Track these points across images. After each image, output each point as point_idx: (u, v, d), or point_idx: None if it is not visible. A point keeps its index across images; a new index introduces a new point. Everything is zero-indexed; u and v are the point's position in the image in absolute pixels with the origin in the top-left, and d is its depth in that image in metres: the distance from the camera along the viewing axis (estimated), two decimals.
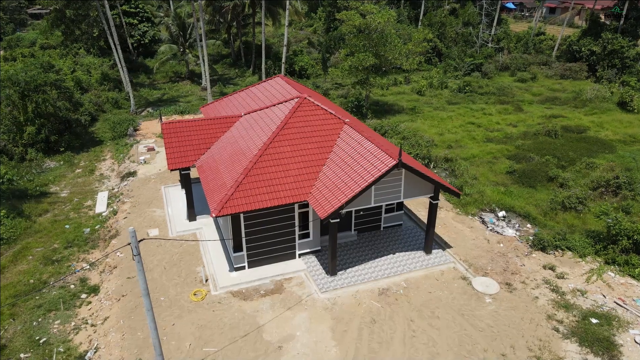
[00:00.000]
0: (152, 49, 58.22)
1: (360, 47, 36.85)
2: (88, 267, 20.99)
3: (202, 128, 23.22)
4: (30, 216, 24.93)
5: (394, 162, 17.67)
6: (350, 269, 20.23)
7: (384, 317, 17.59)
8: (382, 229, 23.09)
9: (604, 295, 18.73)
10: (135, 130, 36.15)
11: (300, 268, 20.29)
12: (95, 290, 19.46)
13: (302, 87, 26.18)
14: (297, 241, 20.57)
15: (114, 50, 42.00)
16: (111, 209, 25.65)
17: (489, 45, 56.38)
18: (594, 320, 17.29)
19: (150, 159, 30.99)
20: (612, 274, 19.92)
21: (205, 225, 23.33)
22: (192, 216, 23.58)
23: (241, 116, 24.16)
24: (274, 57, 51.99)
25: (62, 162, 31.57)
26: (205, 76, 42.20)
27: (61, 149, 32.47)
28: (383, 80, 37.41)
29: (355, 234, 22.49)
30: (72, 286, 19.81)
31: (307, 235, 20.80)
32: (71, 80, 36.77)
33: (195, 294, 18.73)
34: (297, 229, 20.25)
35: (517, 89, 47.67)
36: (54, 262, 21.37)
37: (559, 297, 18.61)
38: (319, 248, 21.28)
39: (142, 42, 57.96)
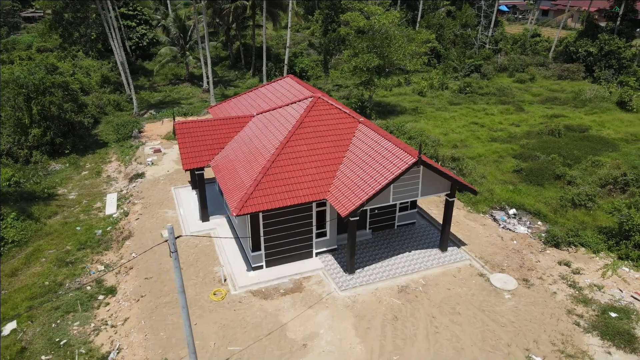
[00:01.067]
0: (150, 52, 58.02)
1: (364, 49, 37.02)
2: (104, 269, 20.82)
3: (215, 128, 23.18)
4: (40, 218, 24.68)
5: (414, 160, 17.78)
6: (367, 267, 20.28)
7: (405, 314, 17.65)
8: (396, 227, 23.18)
9: (620, 290, 18.96)
10: (140, 132, 35.97)
11: (318, 267, 20.30)
12: (112, 291, 19.31)
13: (312, 87, 26.23)
14: (314, 240, 20.58)
15: (116, 53, 41.80)
16: (122, 210, 25.48)
17: (487, 46, 56.91)
18: (613, 315, 17.49)
19: (158, 161, 30.84)
20: (627, 269, 20.18)
21: (219, 226, 23.26)
22: (205, 216, 23.50)
23: (253, 116, 24.16)
24: (275, 59, 52.01)
25: (67, 165, 31.32)
26: (208, 78, 42.10)
27: (66, 151, 32.22)
28: (388, 81, 37.54)
29: (370, 232, 22.56)
30: (89, 287, 19.64)
31: (323, 234, 20.82)
32: (77, 82, 36.45)
33: (215, 294, 18.66)
34: (314, 227, 20.27)
35: (516, 90, 48.14)
36: (68, 264, 21.18)
37: (577, 292, 18.80)
38: (336, 247, 21.32)
39: (141, 44, 57.73)
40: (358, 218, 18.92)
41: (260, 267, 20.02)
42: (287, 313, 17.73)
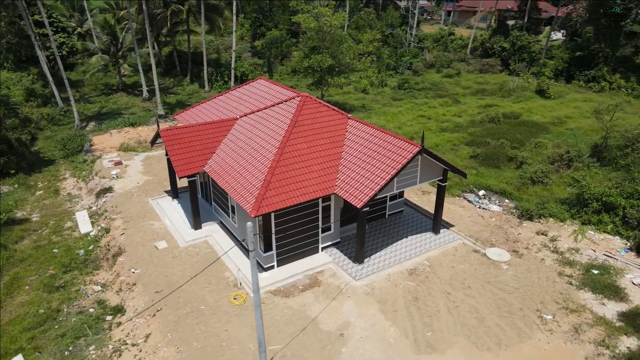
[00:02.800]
0: (68, 62, 54.16)
1: (316, 49, 37.87)
2: (101, 289, 19.60)
3: (202, 133, 22.71)
4: (6, 245, 22.49)
5: (418, 149, 18.97)
6: (373, 255, 21.14)
7: (423, 294, 18.77)
8: (387, 216, 24.30)
9: (594, 251, 21.65)
10: (91, 145, 33.73)
11: (327, 261, 20.77)
12: (119, 310, 18.28)
13: (290, 88, 26.54)
14: (320, 235, 21.03)
15: (42, 63, 38.73)
16: (99, 227, 23.98)
17: (413, 45, 60.46)
18: (595, 272, 19.99)
19: (122, 173, 29.24)
20: (592, 232, 23.04)
21: (214, 232, 22.80)
22: (197, 224, 22.91)
23: (236, 119, 23.99)
24: (214, 64, 51.10)
25: (16, 186, 28.64)
26: (152, 86, 40.37)
27: (11, 172, 29.40)
28: (341, 80, 38.75)
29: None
30: (92, 310, 18.43)
31: (328, 229, 21.34)
32: (20, 96, 33.30)
33: (235, 298, 18.43)
34: (320, 223, 20.72)
35: (447, 84, 51.81)
36: (58, 289, 19.65)
37: (560, 257, 21.17)
38: (339, 240, 21.93)
39: (60, 54, 53.63)
40: (368, 209, 19.70)
41: (272, 267, 20.06)
42: (313, 307, 18.04)
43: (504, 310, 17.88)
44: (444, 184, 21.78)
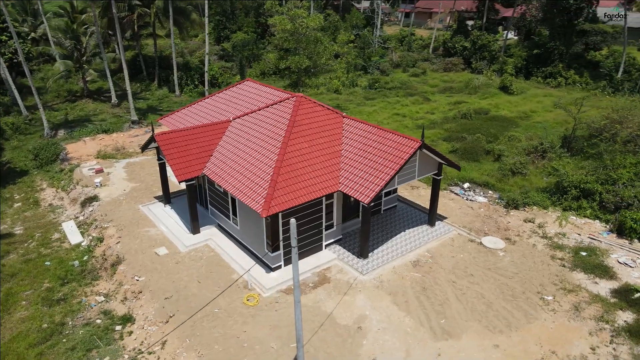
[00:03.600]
0: (27, 67, 51.66)
1: (290, 51, 38.09)
2: (105, 300, 19.06)
3: (197, 136, 22.48)
4: None
5: (419, 144, 19.64)
6: (375, 250, 21.62)
7: (430, 284, 19.42)
8: (382, 212, 24.87)
9: (579, 234, 23.06)
10: (66, 154, 32.47)
11: (331, 257, 21.07)
12: (129, 319, 17.86)
13: (280, 89, 26.64)
14: (324, 232, 21.31)
15: (5, 70, 36.92)
16: (90, 237, 23.24)
17: (378, 45, 61.72)
18: (583, 254, 21.32)
19: (106, 181, 28.35)
20: (574, 217, 24.51)
21: (213, 235, 22.60)
22: (196, 229, 22.63)
23: (230, 121, 23.89)
24: (184, 68, 50.22)
25: None
26: (128, 91, 39.28)
27: None
28: (319, 80, 39.11)
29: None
30: (99, 320, 17.91)
31: (331, 226, 21.64)
32: None
33: (248, 299, 18.40)
34: (324, 220, 21.00)
35: (415, 83, 53.27)
36: (59, 302, 18.97)
37: (550, 242, 22.42)
38: (341, 236, 22.28)
39: (15, 59, 51.17)
40: (373, 205, 20.16)
41: (279, 266, 20.15)
42: (327, 303, 18.30)
43: (508, 295, 18.79)
44: (439, 178, 22.58)
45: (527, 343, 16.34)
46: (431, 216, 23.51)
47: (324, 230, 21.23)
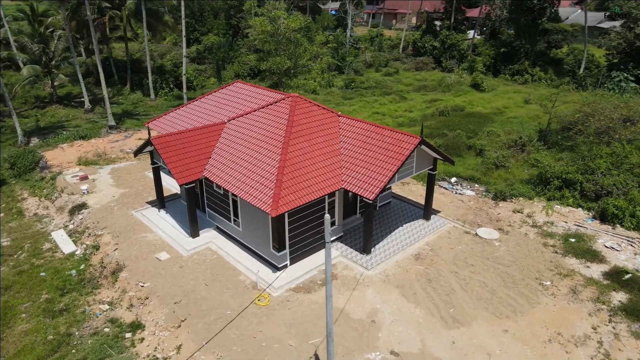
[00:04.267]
0: None
1: (270, 52, 38.10)
2: (110, 308, 18.64)
3: (194, 139, 22.28)
4: None
5: (419, 140, 20.20)
6: (377, 245, 22.03)
7: (435, 276, 19.99)
8: (377, 208, 25.33)
9: (565, 222, 24.23)
10: (46, 162, 31.35)
11: (335, 255, 21.33)
12: (138, 326, 17.55)
13: (271, 89, 26.69)
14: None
15: None
16: (84, 245, 22.63)
17: (350, 46, 62.45)
18: (572, 240, 22.44)
19: (93, 188, 27.58)
20: (559, 206, 25.72)
21: (214, 238, 22.43)
22: (195, 232, 22.41)
23: (225, 123, 23.79)
24: (158, 71, 49.27)
25: None
26: (105, 96, 38.24)
27: None
28: (301, 81, 39.29)
29: (360, 216, 24.28)
30: (107, 329, 17.52)
31: (333, 224, 21.90)
32: None
33: (259, 300, 18.42)
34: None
35: (390, 82, 54.25)
36: (61, 312, 18.44)
37: (540, 230, 23.46)
38: (342, 234, 22.57)
39: None
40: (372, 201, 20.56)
41: (285, 266, 20.24)
42: (337, 299, 18.54)
43: (509, 282, 19.59)
44: (434, 173, 23.24)
45: (533, 326, 17.12)
46: (427, 210, 24.14)
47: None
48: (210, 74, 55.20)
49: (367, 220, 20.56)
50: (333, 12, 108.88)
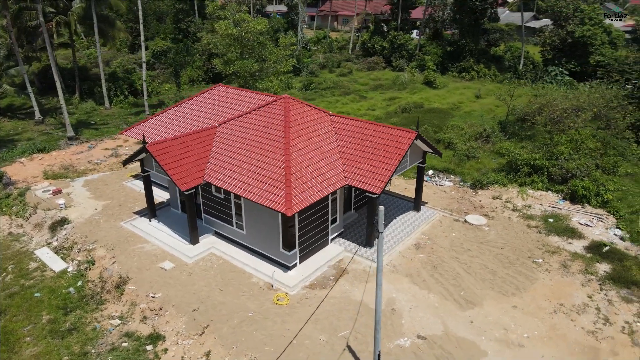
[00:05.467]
0: None
1: (237, 55, 37.82)
2: (122, 322, 17.99)
3: (189, 144, 21.92)
4: None
5: (415, 134, 21.18)
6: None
7: (438, 263, 21.04)
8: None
9: (541, 205, 26.24)
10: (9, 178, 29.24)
11: (339, 250, 21.82)
12: (158, 337, 17.12)
13: (255, 91, 26.67)
14: (330, 227, 21.99)
15: None
16: (75, 261, 21.56)
17: (301, 47, 63.05)
18: (551, 220, 24.41)
19: (70, 202, 26.18)
20: (531, 191, 27.79)
21: (215, 243, 22.17)
22: (195, 239, 22.03)
23: (216, 127, 23.56)
24: (111, 78, 47.17)
25: None
26: (62, 105, 36.17)
27: None
28: (271, 83, 39.23)
29: (354, 212, 24.92)
30: (125, 344, 16.94)
31: (334, 221, 22.38)
32: None
33: (278, 299, 18.53)
34: (329, 215, 21.69)
35: (346, 82, 55.39)
36: (70, 332, 17.54)
37: (521, 213, 25.27)
38: (342, 230, 23.10)
39: None
40: (362, 196, 21.28)
41: (295, 265, 20.46)
42: (353, 292, 19.06)
43: (506, 262, 21.04)
44: (423, 166, 24.38)
45: (537, 300, 18.57)
46: (417, 202, 25.23)
47: (330, 225, 21.92)
48: (163, 80, 53.71)
49: (370, 214, 21.23)
50: (278, 15, 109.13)
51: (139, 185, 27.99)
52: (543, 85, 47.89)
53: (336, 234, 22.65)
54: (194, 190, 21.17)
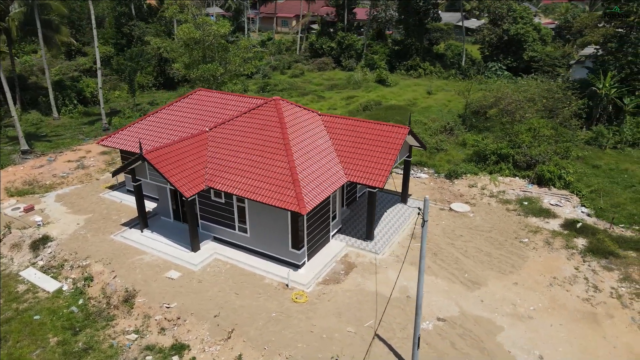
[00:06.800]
0: None
1: (199, 59, 37.17)
2: (139, 336, 17.45)
3: (185, 149, 21.54)
4: None
5: (407, 130, 22.21)
6: (374, 231, 23.57)
7: (438, 249, 22.21)
8: (357, 199, 26.85)
9: (513, 190, 28.32)
10: None
11: (341, 246, 22.37)
12: (182, 347, 16.82)
13: (237, 94, 26.50)
14: (331, 224, 22.49)
15: None
16: (70, 279, 20.48)
17: (260, 49, 62.79)
18: (525, 203, 26.46)
19: (47, 218, 24.66)
20: (501, 177, 29.87)
21: (216, 249, 21.91)
22: (196, 246, 21.67)
23: (206, 132, 23.28)
24: (58, 87, 44.39)
25: None
26: (15, 118, 33.71)
27: None
28: (237, 86, 38.78)
29: (346, 208, 25.56)
30: (148, 357, 16.49)
31: (334, 217, 22.89)
32: None
33: (297, 298, 18.76)
34: (331, 212, 22.19)
35: (300, 83, 55.90)
36: (86, 351, 16.78)
37: (498, 199, 27.15)
38: (341, 226, 23.66)
39: None
40: (353, 193, 22.05)
41: (304, 263, 20.75)
42: (367, 284, 19.71)
43: (496, 244, 22.62)
44: (409, 159, 25.50)
45: (534, 276, 20.22)
46: (404, 195, 26.33)
47: (331, 221, 22.42)
48: (110, 86, 51.36)
49: (370, 208, 21.99)
50: (212, 17, 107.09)
51: (119, 196, 26.92)
52: (486, 80, 51.16)
53: (335, 230, 23.17)
54: (194, 196, 20.83)
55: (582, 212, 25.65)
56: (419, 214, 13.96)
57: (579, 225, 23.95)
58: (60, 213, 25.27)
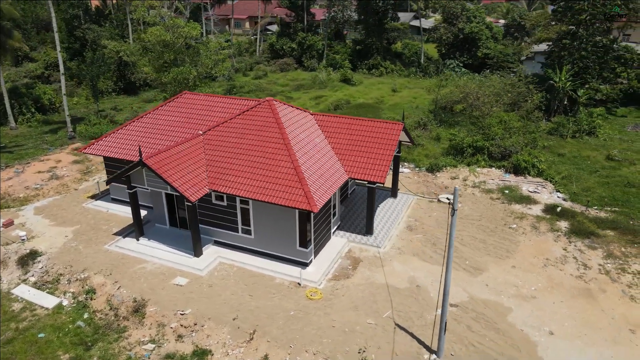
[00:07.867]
0: None
1: (170, 62, 36.37)
2: (156, 346, 17.05)
3: (184, 154, 21.16)
4: None
5: (402, 125, 22.93)
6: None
7: (436, 240, 23.04)
8: (349, 195, 27.30)
9: (492, 179, 29.75)
10: None
11: (343, 242, 22.74)
12: (204, 352, 16.62)
13: (225, 96, 26.20)
14: (332, 220, 22.81)
15: None
16: (69, 294, 19.63)
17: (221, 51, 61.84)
18: (506, 191, 27.91)
19: (31, 232, 23.39)
20: (479, 169, 31.29)
21: (219, 252, 21.66)
22: (199, 251, 21.34)
23: (200, 135, 22.95)
24: (13, 95, 41.86)
25: None
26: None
27: None
28: (207, 89, 38.08)
29: (341, 205, 25.92)
30: None
31: (334, 215, 23.22)
32: None
33: (311, 295, 18.94)
34: (332, 210, 22.51)
35: (266, 84, 55.71)
36: None
37: (480, 189, 28.45)
38: (340, 222, 24.02)
39: None
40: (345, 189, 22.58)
41: (311, 261, 20.94)
42: (376, 277, 20.19)
43: (488, 231, 23.77)
44: (399, 155, 26.25)
45: (528, 259, 21.46)
46: (394, 189, 27.06)
47: (332, 219, 22.74)
48: (67, 92, 48.98)
49: (370, 203, 22.50)
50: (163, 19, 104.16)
51: (104, 205, 25.96)
52: (446, 77, 53.17)
53: (335, 227, 23.51)
54: (196, 201, 20.50)
55: (557, 197, 27.38)
56: (449, 204, 14.53)
57: (558, 209, 25.58)
58: (43, 226, 24.04)
